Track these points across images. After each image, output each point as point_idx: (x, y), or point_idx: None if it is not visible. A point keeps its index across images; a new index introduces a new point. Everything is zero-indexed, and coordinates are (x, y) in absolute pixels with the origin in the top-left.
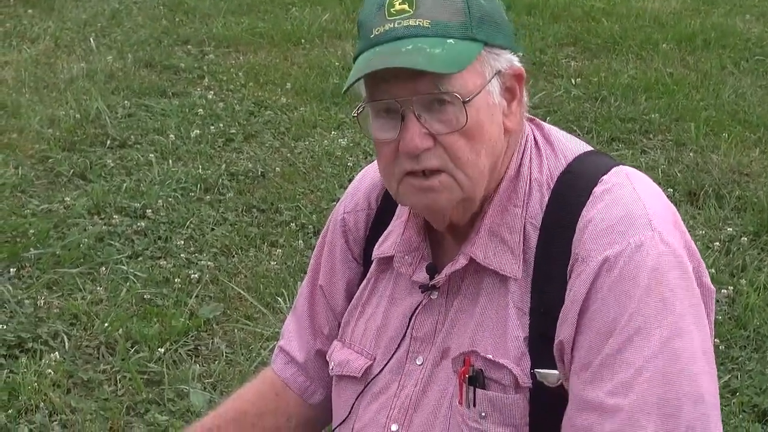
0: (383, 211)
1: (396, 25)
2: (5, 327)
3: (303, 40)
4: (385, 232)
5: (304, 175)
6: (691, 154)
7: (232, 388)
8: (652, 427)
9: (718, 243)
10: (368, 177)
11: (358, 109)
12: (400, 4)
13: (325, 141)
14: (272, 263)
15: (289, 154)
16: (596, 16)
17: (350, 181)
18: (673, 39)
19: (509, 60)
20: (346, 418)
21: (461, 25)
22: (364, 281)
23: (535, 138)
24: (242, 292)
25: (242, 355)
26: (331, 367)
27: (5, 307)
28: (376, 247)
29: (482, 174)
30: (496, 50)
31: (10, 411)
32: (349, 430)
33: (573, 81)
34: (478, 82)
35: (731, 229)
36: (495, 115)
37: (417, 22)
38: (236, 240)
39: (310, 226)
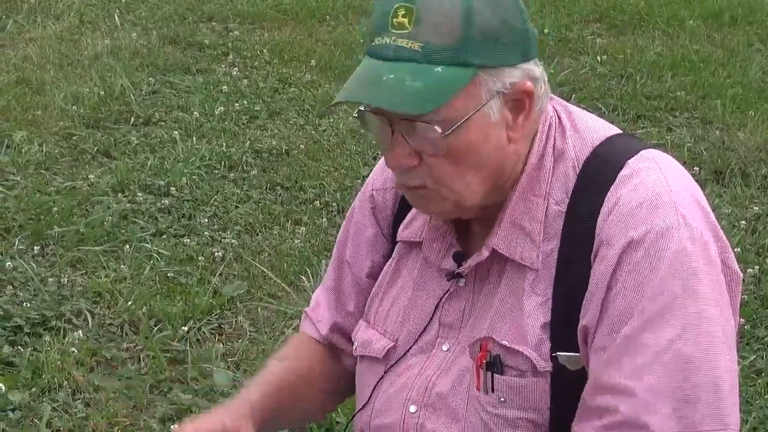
0: None
1: (390, 42)
2: (29, 305)
3: (328, 17)
4: (411, 213)
5: (328, 153)
6: (717, 132)
7: (256, 366)
8: (667, 412)
9: (744, 222)
10: None
11: (359, 111)
12: (402, 16)
13: (350, 118)
14: (296, 241)
15: (313, 132)
16: None
17: (375, 158)
18: (699, 15)
19: (517, 76)
20: (367, 399)
21: (455, 50)
22: (389, 261)
23: (560, 119)
24: (266, 270)
25: (266, 333)
26: (354, 347)
27: (29, 285)
28: (401, 228)
29: (469, 189)
30: (497, 70)
31: (33, 389)
32: (369, 410)
33: (598, 58)
34: (469, 105)
35: (757, 208)
36: (493, 131)
37: (409, 44)
38: (260, 218)
39: (334, 204)
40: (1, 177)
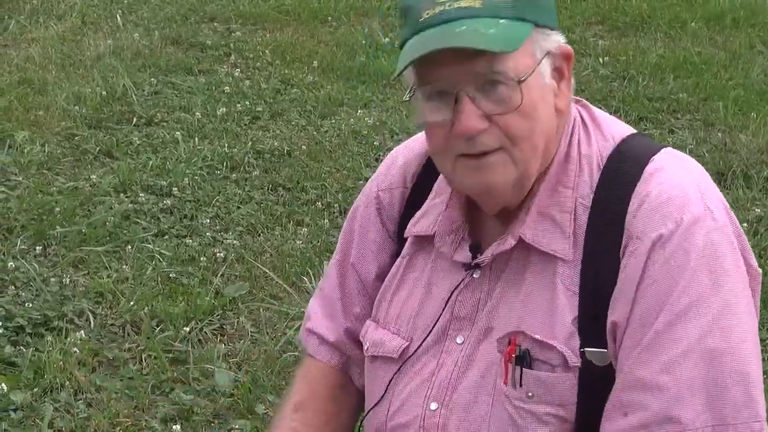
0: (418, 189)
1: (447, 8)
2: (31, 305)
3: (330, 18)
4: (420, 211)
5: (330, 154)
6: (719, 134)
7: (257, 367)
8: (699, 406)
9: (746, 224)
10: (402, 155)
11: (409, 94)
12: None
13: (352, 119)
14: (298, 242)
15: (315, 133)
16: None
17: (377, 159)
18: (701, 18)
19: (558, 40)
20: (381, 398)
21: (512, 6)
22: (398, 259)
23: (582, 119)
24: (267, 271)
25: (267, 334)
26: (366, 348)
27: (31, 285)
28: (411, 224)
29: (536, 152)
30: (545, 31)
31: (35, 389)
32: (385, 410)
33: (601, 60)
34: (528, 62)
35: (759, 210)
36: (547, 95)
37: (468, 4)
38: (262, 219)
39: (336, 205)
40: (3, 177)
